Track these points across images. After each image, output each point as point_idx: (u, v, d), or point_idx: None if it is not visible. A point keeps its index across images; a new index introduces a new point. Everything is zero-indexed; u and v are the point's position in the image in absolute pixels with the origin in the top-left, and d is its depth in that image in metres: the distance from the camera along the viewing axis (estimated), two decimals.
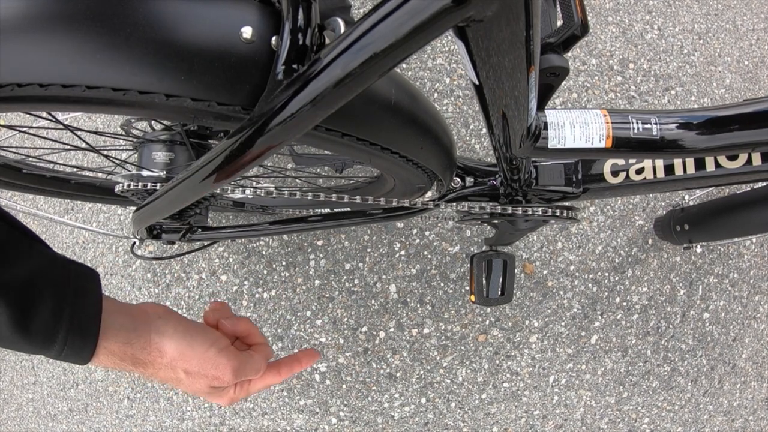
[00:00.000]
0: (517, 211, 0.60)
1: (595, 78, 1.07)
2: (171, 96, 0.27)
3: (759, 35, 1.17)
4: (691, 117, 0.43)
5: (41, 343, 0.31)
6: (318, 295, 1.02)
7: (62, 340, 0.31)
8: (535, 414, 1.03)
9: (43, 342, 0.31)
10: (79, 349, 0.32)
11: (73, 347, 0.32)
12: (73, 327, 0.32)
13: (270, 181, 1.01)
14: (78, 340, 0.32)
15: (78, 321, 0.32)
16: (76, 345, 0.32)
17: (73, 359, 0.33)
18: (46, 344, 0.31)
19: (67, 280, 0.33)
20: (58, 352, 0.32)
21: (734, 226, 0.80)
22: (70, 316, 0.32)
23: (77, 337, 0.32)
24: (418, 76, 1.05)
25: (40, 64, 0.25)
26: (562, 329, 1.03)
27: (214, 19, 0.28)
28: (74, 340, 0.32)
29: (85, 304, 0.33)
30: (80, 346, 0.32)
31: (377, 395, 1.02)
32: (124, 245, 1.10)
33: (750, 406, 1.09)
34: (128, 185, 0.52)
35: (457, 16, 0.24)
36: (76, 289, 0.33)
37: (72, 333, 0.32)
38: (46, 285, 0.31)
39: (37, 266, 0.32)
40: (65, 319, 0.31)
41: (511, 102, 0.36)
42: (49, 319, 0.31)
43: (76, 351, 0.32)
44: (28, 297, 0.30)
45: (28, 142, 1.11)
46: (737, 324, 1.07)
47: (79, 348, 0.32)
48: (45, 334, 0.31)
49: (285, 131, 0.28)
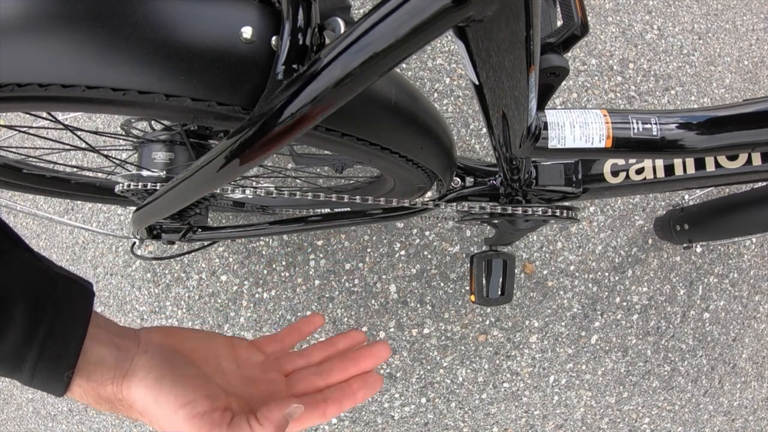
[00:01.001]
0: (517, 211, 0.60)
1: (595, 78, 1.07)
2: (171, 96, 0.27)
3: (759, 35, 1.17)
4: (691, 117, 0.43)
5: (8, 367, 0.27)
6: (318, 295, 1.02)
7: (31, 366, 0.27)
8: (535, 414, 1.03)
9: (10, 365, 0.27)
10: (49, 379, 0.27)
11: (43, 376, 0.27)
12: (45, 353, 0.27)
13: (270, 181, 1.01)
14: (49, 369, 0.27)
15: (52, 347, 0.27)
16: (47, 374, 0.27)
17: (46, 389, 0.28)
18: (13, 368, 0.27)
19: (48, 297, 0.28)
20: (27, 378, 0.27)
21: (734, 225, 0.80)
22: (43, 339, 0.27)
23: (48, 366, 0.27)
24: (418, 76, 1.05)
25: (40, 64, 0.25)
26: (562, 329, 1.03)
27: (214, 19, 0.28)
28: (44, 368, 0.27)
29: (64, 328, 0.28)
30: (51, 375, 0.27)
31: (377, 395, 1.02)
32: (124, 245, 1.10)
33: (750, 406, 1.09)
34: (128, 185, 0.52)
35: (457, 16, 0.24)
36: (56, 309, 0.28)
37: (43, 359, 0.27)
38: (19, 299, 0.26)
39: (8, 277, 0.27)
40: (37, 342, 0.27)
41: (511, 102, 0.36)
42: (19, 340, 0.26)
43: (47, 380, 0.27)
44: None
45: (28, 142, 1.11)
46: (737, 324, 1.07)
47: (49, 378, 0.27)
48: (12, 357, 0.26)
49: (285, 131, 0.28)
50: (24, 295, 0.27)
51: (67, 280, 0.30)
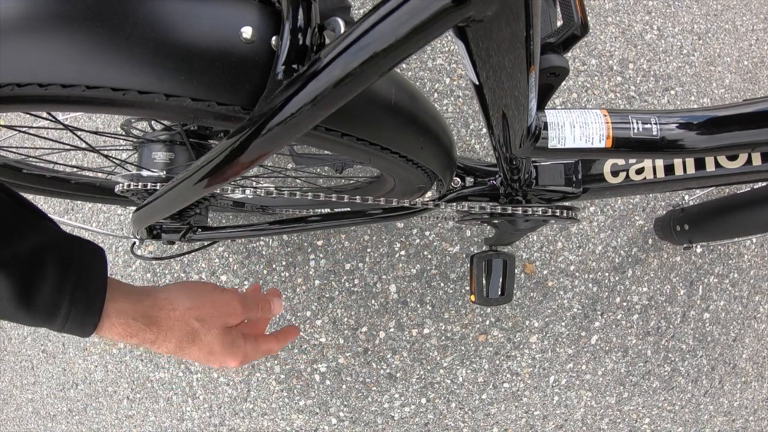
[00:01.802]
0: (517, 211, 0.60)
1: (595, 78, 1.07)
2: (171, 96, 0.27)
3: (758, 35, 1.17)
4: (691, 117, 0.43)
5: (44, 317, 0.32)
6: (318, 295, 1.02)
7: (65, 314, 0.32)
8: (535, 414, 1.03)
9: (45, 316, 0.32)
10: (81, 322, 0.33)
11: (75, 321, 0.32)
12: (76, 300, 0.32)
13: (270, 181, 1.01)
14: (81, 314, 0.32)
15: (81, 295, 0.32)
16: (79, 318, 0.32)
17: (77, 332, 0.33)
18: (48, 318, 0.32)
19: (72, 254, 0.33)
20: (60, 325, 0.32)
21: (734, 226, 0.79)
22: (72, 289, 0.32)
23: (80, 311, 0.32)
24: (418, 77, 1.05)
25: (40, 63, 0.25)
26: (563, 329, 1.03)
27: (214, 19, 0.28)
28: (77, 313, 0.32)
29: (90, 277, 0.33)
30: (83, 319, 0.33)
31: (377, 395, 1.02)
32: (124, 245, 1.10)
33: (750, 406, 1.09)
34: (128, 185, 0.52)
35: (457, 16, 0.24)
36: (81, 264, 0.33)
37: (75, 306, 0.32)
38: (50, 260, 0.32)
39: (40, 241, 0.32)
40: (68, 293, 0.32)
41: (511, 102, 0.36)
42: (53, 293, 0.31)
43: (78, 324, 0.33)
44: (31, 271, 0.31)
45: (28, 142, 1.11)
46: (738, 324, 1.07)
47: (81, 321, 0.33)
48: (47, 308, 0.31)
49: (285, 131, 0.28)
50: (53, 256, 0.32)
51: (82, 240, 0.35)
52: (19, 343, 1.20)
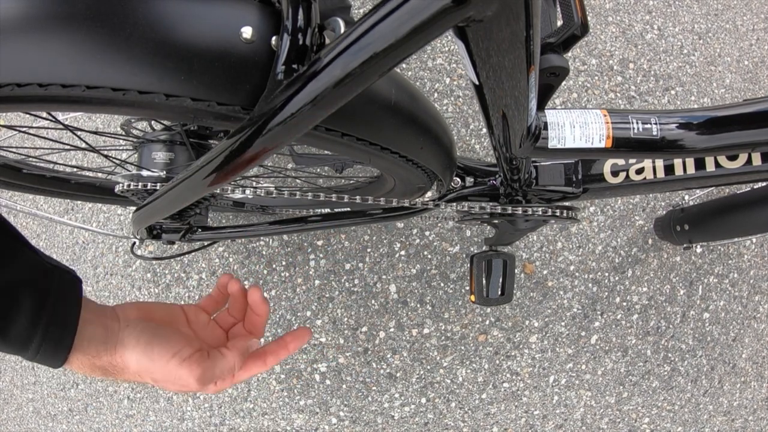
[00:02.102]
0: (517, 211, 0.60)
1: (595, 78, 1.07)
2: (171, 96, 0.27)
3: (759, 35, 1.17)
4: (691, 117, 0.43)
5: (17, 348, 0.32)
6: (318, 295, 1.02)
7: (36, 347, 0.33)
8: (535, 414, 1.03)
9: (18, 347, 0.32)
10: (51, 356, 0.34)
11: (46, 354, 0.33)
12: (48, 336, 0.33)
13: (270, 181, 1.01)
14: (51, 349, 0.33)
15: (54, 331, 0.33)
16: (49, 353, 0.33)
17: (47, 364, 0.34)
18: (21, 349, 0.33)
19: (49, 289, 0.34)
20: (31, 356, 0.33)
21: (734, 226, 0.80)
22: (45, 325, 0.33)
23: (51, 346, 0.33)
24: (418, 76, 1.05)
25: (40, 63, 0.25)
26: (562, 329, 1.03)
27: (214, 19, 0.28)
28: (47, 348, 0.33)
29: (63, 314, 0.34)
30: (53, 354, 0.33)
31: (377, 395, 1.02)
32: (124, 245, 1.10)
33: (750, 406, 1.09)
34: (128, 185, 0.52)
35: (457, 16, 0.24)
36: (56, 299, 0.34)
37: (47, 341, 0.33)
38: (27, 294, 0.32)
39: (19, 274, 0.33)
40: (41, 328, 0.32)
41: (511, 102, 0.36)
42: (27, 326, 0.32)
43: (48, 357, 0.33)
44: (8, 303, 0.32)
45: (28, 142, 1.11)
46: (737, 324, 1.07)
47: (51, 356, 0.33)
48: (20, 340, 0.32)
49: (285, 131, 0.28)
50: (29, 287, 0.33)
51: (61, 271, 0.36)
52: None
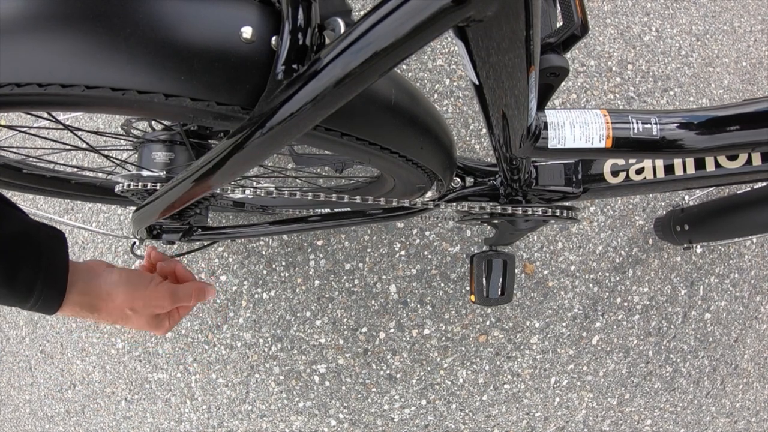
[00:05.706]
0: (517, 211, 0.60)
1: (594, 79, 1.07)
2: (170, 96, 0.27)
3: (756, 37, 1.17)
4: (691, 117, 0.43)
5: (22, 296, 0.37)
6: (318, 295, 1.02)
7: (38, 293, 0.37)
8: (536, 416, 1.03)
9: (23, 295, 0.37)
10: (50, 301, 0.39)
11: (45, 300, 0.38)
12: (47, 282, 0.38)
13: (270, 181, 1.01)
14: (50, 294, 0.38)
15: (51, 277, 0.38)
16: (48, 298, 0.38)
17: (43, 310, 0.39)
18: (24, 298, 0.37)
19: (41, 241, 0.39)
20: (32, 304, 0.37)
21: (734, 226, 0.79)
22: (44, 273, 0.38)
23: (49, 291, 0.38)
24: (419, 77, 1.05)
25: (39, 64, 0.25)
26: (563, 330, 1.02)
27: (214, 19, 0.28)
28: (47, 293, 0.38)
29: (56, 262, 0.39)
30: (51, 299, 0.39)
31: (377, 397, 1.02)
32: (124, 245, 1.10)
33: (753, 407, 1.09)
34: (128, 185, 0.52)
35: (457, 16, 0.24)
36: (49, 250, 0.39)
37: (46, 288, 0.38)
38: (26, 245, 0.37)
39: (17, 229, 0.37)
40: (41, 277, 0.37)
41: (511, 102, 0.36)
42: (30, 275, 0.37)
43: (47, 303, 0.38)
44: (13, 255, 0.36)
45: (28, 142, 1.11)
46: (739, 324, 1.07)
47: (50, 301, 0.39)
48: (26, 288, 0.37)
49: (285, 131, 0.28)
50: (28, 242, 0.37)
51: (46, 227, 0.41)
52: (17, 344, 1.20)
